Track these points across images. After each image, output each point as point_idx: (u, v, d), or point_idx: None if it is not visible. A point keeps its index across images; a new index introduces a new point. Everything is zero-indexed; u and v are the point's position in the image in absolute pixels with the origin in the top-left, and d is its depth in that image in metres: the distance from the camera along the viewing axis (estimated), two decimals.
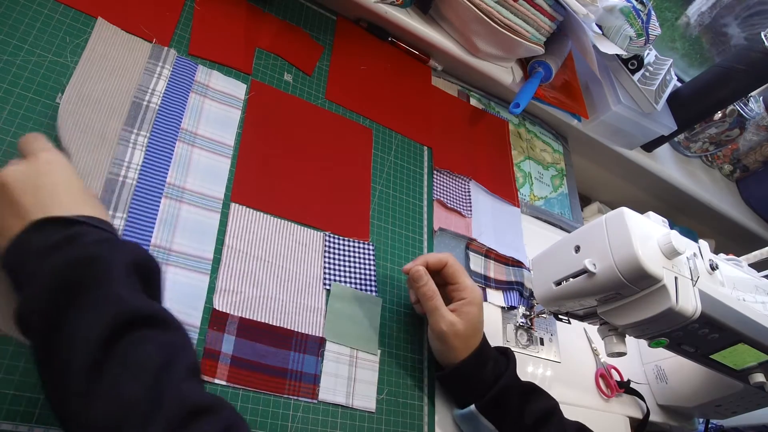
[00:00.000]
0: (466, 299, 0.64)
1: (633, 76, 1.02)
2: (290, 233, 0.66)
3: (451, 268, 0.66)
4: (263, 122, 0.70)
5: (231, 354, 0.56)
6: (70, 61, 0.59)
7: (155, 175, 0.59)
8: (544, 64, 0.91)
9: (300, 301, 0.63)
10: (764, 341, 0.64)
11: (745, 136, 1.30)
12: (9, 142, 0.53)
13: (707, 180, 1.31)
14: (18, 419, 0.45)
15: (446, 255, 0.67)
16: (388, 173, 0.79)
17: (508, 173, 0.94)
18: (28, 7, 0.59)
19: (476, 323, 0.64)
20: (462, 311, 0.64)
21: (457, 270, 0.66)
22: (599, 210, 1.19)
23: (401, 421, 0.63)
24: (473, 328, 0.64)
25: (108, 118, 0.59)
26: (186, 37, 0.69)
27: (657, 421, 0.88)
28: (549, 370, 0.79)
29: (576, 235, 0.66)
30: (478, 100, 1.00)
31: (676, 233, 0.59)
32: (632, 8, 0.90)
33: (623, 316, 0.62)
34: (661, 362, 0.90)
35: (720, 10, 1.30)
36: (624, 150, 1.11)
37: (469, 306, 0.64)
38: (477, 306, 0.65)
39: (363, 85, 0.83)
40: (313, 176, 0.71)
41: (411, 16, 0.86)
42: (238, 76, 0.71)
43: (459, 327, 0.63)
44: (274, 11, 0.79)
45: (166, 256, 0.56)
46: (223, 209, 0.62)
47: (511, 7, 0.82)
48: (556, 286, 0.66)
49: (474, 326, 0.64)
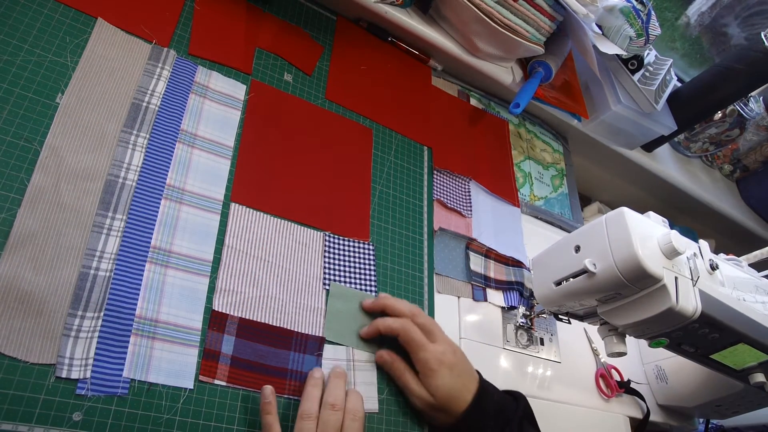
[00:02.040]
0: (425, 373, 0.61)
1: (633, 76, 1.02)
2: (290, 233, 0.66)
3: (403, 340, 0.62)
4: (263, 122, 0.70)
5: (231, 354, 0.56)
6: (70, 61, 0.59)
7: (155, 177, 0.59)
8: (544, 64, 0.91)
9: (300, 301, 0.63)
10: (764, 341, 0.64)
11: (745, 136, 1.30)
12: (9, 142, 0.53)
13: (707, 180, 1.31)
14: (18, 419, 0.45)
15: (397, 324, 0.62)
16: (388, 173, 0.79)
17: (508, 173, 0.94)
18: (28, 7, 0.59)
19: (448, 390, 0.60)
20: (427, 384, 0.61)
21: (409, 341, 0.61)
22: (599, 210, 1.19)
23: (402, 421, 0.63)
24: (446, 396, 0.60)
25: (107, 119, 0.59)
26: (186, 37, 0.69)
27: (657, 421, 0.88)
28: (549, 370, 0.79)
29: (576, 235, 0.66)
30: (478, 100, 0.99)
31: (676, 233, 0.59)
32: (632, 8, 0.90)
33: (623, 316, 0.62)
34: (661, 362, 0.90)
35: (720, 10, 1.30)
36: (624, 150, 1.11)
37: (430, 379, 0.60)
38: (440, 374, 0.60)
39: (363, 85, 0.83)
40: (313, 176, 0.71)
41: (411, 16, 0.86)
42: (238, 76, 0.71)
43: (429, 401, 0.60)
44: (274, 11, 0.79)
45: (165, 257, 0.56)
46: (223, 209, 0.62)
47: (511, 7, 0.82)
48: (556, 286, 0.66)
49: (447, 394, 0.60)
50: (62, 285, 0.50)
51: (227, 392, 0.54)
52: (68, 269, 0.51)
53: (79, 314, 0.50)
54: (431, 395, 0.60)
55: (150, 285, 0.54)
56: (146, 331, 0.53)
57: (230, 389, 0.55)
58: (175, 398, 0.52)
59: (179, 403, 0.52)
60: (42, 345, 0.48)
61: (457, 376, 0.61)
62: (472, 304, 0.77)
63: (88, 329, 0.50)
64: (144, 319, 0.53)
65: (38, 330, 0.48)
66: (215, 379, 0.54)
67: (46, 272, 0.50)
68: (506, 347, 0.77)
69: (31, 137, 0.54)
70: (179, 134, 0.63)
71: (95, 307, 0.51)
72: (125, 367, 0.50)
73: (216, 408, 0.53)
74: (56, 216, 0.52)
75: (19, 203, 0.51)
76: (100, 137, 0.58)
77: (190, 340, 0.54)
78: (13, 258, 0.49)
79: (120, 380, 0.50)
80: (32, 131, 0.54)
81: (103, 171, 0.56)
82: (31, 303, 0.48)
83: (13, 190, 0.51)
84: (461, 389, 0.61)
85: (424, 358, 0.61)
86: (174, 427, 0.51)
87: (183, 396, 0.52)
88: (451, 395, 0.60)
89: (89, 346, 0.49)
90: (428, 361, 0.61)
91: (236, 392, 0.55)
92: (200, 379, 0.53)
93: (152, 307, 0.54)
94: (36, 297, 0.49)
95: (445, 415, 0.61)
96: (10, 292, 0.48)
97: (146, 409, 0.50)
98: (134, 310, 0.53)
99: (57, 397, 0.47)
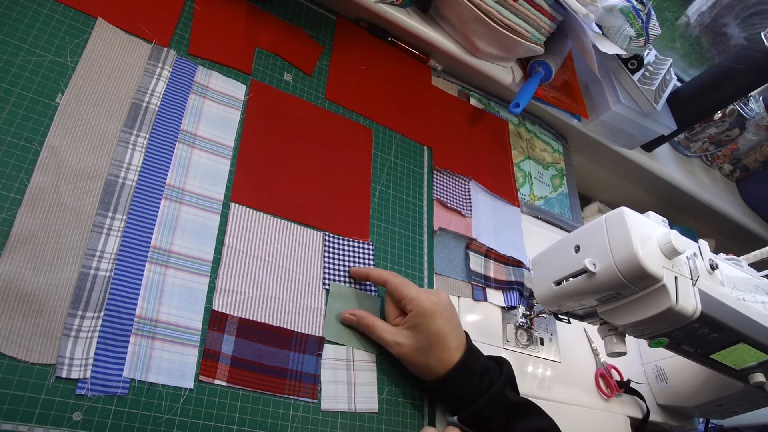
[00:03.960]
0: (411, 311, 0.60)
1: (633, 76, 1.02)
2: (290, 233, 0.66)
3: (392, 285, 0.63)
4: (263, 122, 0.70)
5: (231, 354, 0.56)
6: (70, 61, 0.59)
7: (155, 177, 0.59)
8: (544, 64, 0.91)
9: (300, 301, 0.63)
10: (764, 341, 0.64)
11: (745, 135, 1.30)
12: (9, 142, 0.53)
13: (707, 180, 1.31)
14: (18, 419, 0.45)
15: (386, 273, 0.64)
16: (388, 173, 0.79)
17: (508, 173, 0.94)
18: (28, 7, 0.59)
19: (431, 334, 0.60)
20: (410, 325, 0.60)
21: (397, 284, 0.62)
22: (599, 210, 1.19)
23: (401, 421, 0.63)
24: (428, 339, 0.60)
25: (107, 119, 0.59)
26: (186, 37, 0.69)
27: (657, 421, 0.88)
28: (549, 370, 0.79)
29: (576, 235, 0.66)
30: (478, 100, 0.99)
31: (676, 233, 0.59)
32: (632, 8, 0.90)
33: (623, 316, 0.62)
34: (661, 362, 0.90)
35: (720, 10, 1.30)
36: (624, 150, 1.11)
37: (416, 318, 0.60)
38: (428, 316, 0.60)
39: (363, 85, 0.83)
40: (313, 176, 0.71)
41: (411, 16, 0.86)
42: (238, 76, 0.71)
43: (407, 343, 0.60)
44: (274, 11, 0.79)
45: (165, 258, 0.56)
46: (223, 209, 0.62)
47: (511, 7, 0.82)
48: (556, 285, 0.66)
49: (429, 338, 0.60)
50: (62, 285, 0.50)
51: (227, 392, 0.54)
52: (68, 269, 0.51)
53: (79, 314, 0.50)
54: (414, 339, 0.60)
55: (150, 285, 0.54)
56: (146, 331, 0.53)
57: (230, 389, 0.55)
58: (175, 398, 0.52)
59: (179, 403, 0.52)
60: (42, 345, 0.48)
61: (451, 330, 0.61)
62: (472, 303, 0.77)
63: (88, 329, 0.50)
64: (144, 319, 0.53)
65: (38, 330, 0.48)
66: (215, 379, 0.54)
67: (46, 272, 0.50)
68: (506, 347, 0.77)
69: (31, 137, 0.54)
70: (179, 134, 0.63)
71: (95, 307, 0.51)
72: (125, 367, 0.50)
73: (216, 408, 0.53)
74: (56, 216, 0.52)
75: (19, 203, 0.51)
76: (100, 137, 0.58)
77: (190, 340, 0.54)
78: (13, 258, 0.49)
79: (120, 380, 0.50)
80: (32, 131, 0.54)
81: (103, 171, 0.56)
82: (31, 303, 0.48)
83: (13, 190, 0.51)
84: (447, 336, 0.60)
85: (415, 295, 0.61)
86: (174, 427, 0.51)
87: (183, 396, 0.52)
88: (432, 339, 0.60)
89: (89, 346, 0.49)
90: (418, 299, 0.60)
91: (236, 392, 0.55)
92: (200, 379, 0.53)
93: (152, 307, 0.54)
94: (36, 297, 0.49)
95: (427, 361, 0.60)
96: (10, 292, 0.48)
97: (146, 409, 0.50)
98: (134, 310, 0.53)
99: (57, 397, 0.47)
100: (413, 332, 0.61)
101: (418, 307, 0.60)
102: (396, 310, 0.64)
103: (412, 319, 0.61)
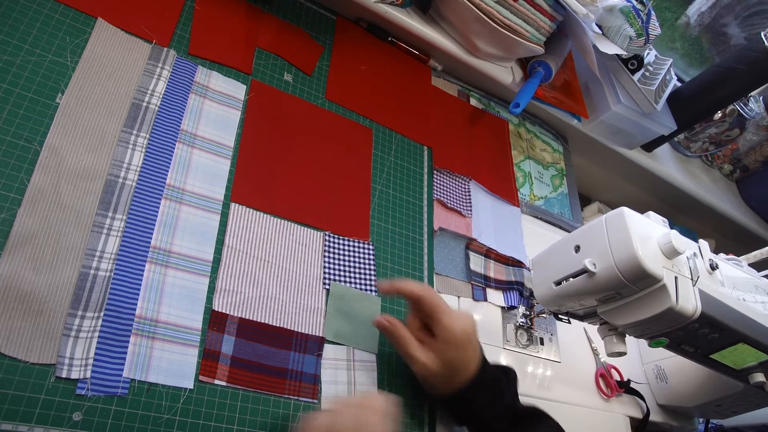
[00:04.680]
0: (441, 338, 0.59)
1: (633, 76, 1.02)
2: (290, 233, 0.66)
3: (427, 304, 0.60)
4: (263, 122, 0.70)
5: (231, 355, 0.56)
6: (70, 61, 0.59)
7: (155, 177, 0.59)
8: (544, 64, 0.91)
9: (300, 301, 0.63)
10: (764, 341, 0.64)
11: (745, 136, 1.30)
12: (9, 142, 0.53)
13: (707, 180, 1.31)
14: (18, 419, 0.45)
15: (421, 288, 0.61)
16: (388, 173, 0.79)
17: (508, 173, 0.94)
18: (28, 7, 0.59)
19: (458, 363, 0.59)
20: (437, 349, 0.59)
21: (433, 305, 0.60)
22: (599, 210, 1.19)
23: (401, 421, 0.63)
24: (453, 368, 0.59)
25: (107, 119, 0.59)
26: (186, 37, 0.69)
27: (657, 420, 0.88)
28: (549, 370, 0.79)
29: (576, 235, 0.66)
30: (478, 100, 0.99)
31: (676, 233, 0.59)
32: (632, 8, 0.90)
33: (623, 316, 0.62)
34: (661, 362, 0.90)
35: (720, 10, 1.30)
36: (624, 150, 1.11)
37: (445, 346, 0.59)
38: (460, 348, 0.59)
39: (363, 85, 0.83)
40: (313, 176, 0.71)
41: (411, 16, 0.86)
42: (238, 76, 0.71)
43: (433, 367, 0.59)
44: (274, 11, 0.79)
45: (165, 257, 0.56)
46: (223, 209, 0.62)
47: (511, 7, 0.82)
48: (556, 285, 0.66)
49: (454, 366, 0.59)
50: (62, 285, 0.50)
51: (227, 392, 0.54)
52: (68, 269, 0.51)
53: (79, 314, 0.50)
54: (440, 364, 0.59)
55: (150, 285, 0.54)
56: (146, 331, 0.53)
57: (230, 389, 0.55)
58: (175, 398, 0.52)
59: (179, 403, 0.52)
60: (42, 345, 0.48)
61: (473, 350, 0.61)
62: (472, 303, 0.77)
63: (88, 329, 0.50)
64: (144, 319, 0.53)
65: (38, 330, 0.48)
66: (215, 379, 0.54)
67: (46, 272, 0.50)
68: (506, 347, 0.77)
69: (31, 137, 0.54)
70: (179, 134, 0.63)
71: (95, 307, 0.51)
72: (125, 367, 0.50)
73: (216, 408, 0.53)
74: (56, 216, 0.52)
75: (19, 203, 0.51)
76: (100, 137, 0.58)
77: (190, 340, 0.54)
78: (13, 258, 0.49)
79: (120, 380, 0.50)
80: (32, 131, 0.54)
81: (103, 171, 0.56)
82: (31, 303, 0.48)
83: (13, 190, 0.51)
84: (469, 361, 0.60)
85: (447, 324, 0.59)
86: (174, 427, 0.51)
87: (183, 396, 0.52)
88: (453, 368, 0.60)
89: (89, 346, 0.49)
90: (449, 328, 0.59)
91: (236, 392, 0.55)
92: (200, 379, 0.53)
93: (152, 307, 0.54)
94: (36, 297, 0.49)
95: (444, 383, 0.60)
96: (10, 292, 0.48)
97: (146, 409, 0.50)
98: (134, 310, 0.53)
99: (57, 397, 0.47)
100: (439, 358, 0.59)
101: (450, 335, 0.59)
102: (419, 323, 0.62)
103: (442, 346, 0.59)
